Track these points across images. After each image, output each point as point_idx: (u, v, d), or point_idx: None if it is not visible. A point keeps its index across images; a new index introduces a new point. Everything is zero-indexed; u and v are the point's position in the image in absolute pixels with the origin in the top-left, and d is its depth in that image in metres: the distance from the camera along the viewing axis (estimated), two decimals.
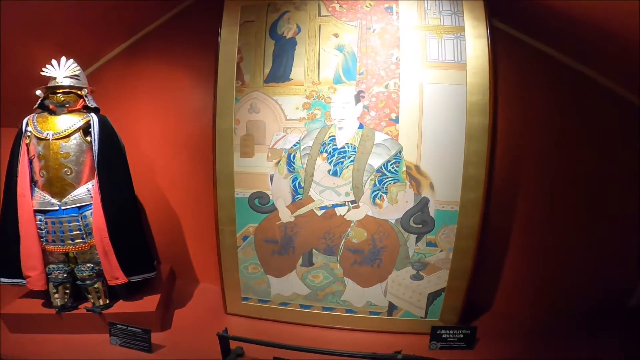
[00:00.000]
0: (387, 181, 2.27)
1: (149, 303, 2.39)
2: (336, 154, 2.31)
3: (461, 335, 2.15)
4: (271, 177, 2.40)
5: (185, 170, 2.94)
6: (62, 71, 2.26)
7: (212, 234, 2.90)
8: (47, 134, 2.22)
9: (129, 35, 2.85)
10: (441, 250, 2.27)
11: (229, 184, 2.43)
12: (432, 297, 2.30)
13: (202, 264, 3.00)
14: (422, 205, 2.26)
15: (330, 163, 2.32)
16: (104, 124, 2.35)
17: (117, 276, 2.30)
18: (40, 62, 2.25)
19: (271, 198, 2.41)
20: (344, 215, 2.33)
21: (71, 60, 2.30)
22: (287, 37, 2.34)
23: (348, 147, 2.30)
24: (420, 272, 2.30)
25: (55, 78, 2.25)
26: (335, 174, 2.32)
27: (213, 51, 2.42)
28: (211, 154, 2.51)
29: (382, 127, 2.26)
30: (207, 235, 2.94)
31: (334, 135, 2.31)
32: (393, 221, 2.29)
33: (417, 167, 2.24)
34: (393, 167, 2.26)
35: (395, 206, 2.28)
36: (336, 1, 2.31)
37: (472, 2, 2.17)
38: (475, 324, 2.38)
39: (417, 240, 2.28)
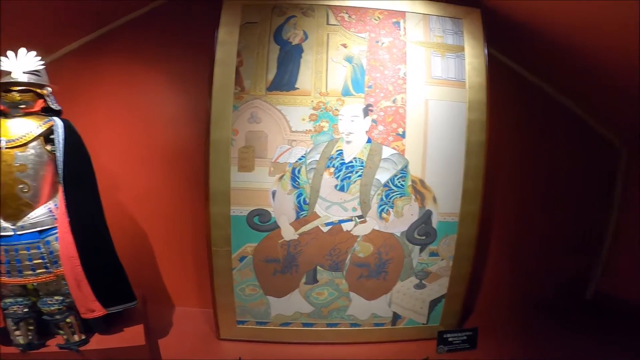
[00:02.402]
0: (393, 195, 2.29)
1: (134, 335, 2.08)
2: (344, 168, 2.25)
3: (465, 337, 2.30)
4: (273, 193, 2.24)
5: (155, 185, 2.60)
6: (21, 65, 1.83)
7: (188, 254, 2.68)
8: None
9: (95, 27, 2.38)
10: (442, 259, 2.37)
11: (224, 201, 2.21)
12: (434, 303, 2.40)
13: (176, 287, 2.69)
14: (426, 217, 2.33)
15: (337, 178, 2.25)
16: (70, 130, 1.98)
17: (93, 308, 1.97)
18: None
19: (273, 215, 2.25)
20: (351, 230, 2.29)
21: (33, 53, 1.87)
22: (294, 43, 2.19)
23: (356, 162, 2.25)
24: (423, 281, 2.38)
25: (10, 73, 1.83)
26: (342, 189, 2.26)
27: (201, 52, 2.17)
28: (194, 167, 2.25)
29: (389, 142, 2.26)
30: (182, 255, 2.69)
31: (342, 149, 2.24)
32: (399, 234, 2.31)
33: (422, 181, 2.30)
34: (399, 182, 2.29)
35: (401, 219, 2.31)
36: (345, 11, 2.23)
37: (471, 24, 2.28)
38: (467, 325, 2.56)
39: (421, 250, 2.35)
